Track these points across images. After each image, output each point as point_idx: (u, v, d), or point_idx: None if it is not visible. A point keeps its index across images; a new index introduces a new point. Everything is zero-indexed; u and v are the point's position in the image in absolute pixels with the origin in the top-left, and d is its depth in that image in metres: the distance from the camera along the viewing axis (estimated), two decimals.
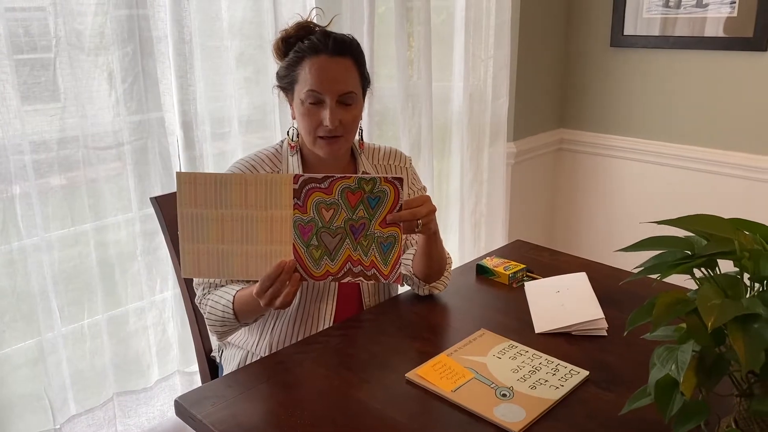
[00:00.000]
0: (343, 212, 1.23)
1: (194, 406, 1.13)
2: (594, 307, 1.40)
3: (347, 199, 1.22)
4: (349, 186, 1.22)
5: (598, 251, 2.97)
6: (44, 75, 1.56)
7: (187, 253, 1.22)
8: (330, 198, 1.22)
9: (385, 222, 1.24)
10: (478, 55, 2.62)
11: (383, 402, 1.13)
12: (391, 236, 1.25)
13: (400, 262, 1.26)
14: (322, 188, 1.21)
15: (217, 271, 1.24)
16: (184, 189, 1.20)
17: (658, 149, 2.81)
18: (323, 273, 1.25)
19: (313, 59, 1.33)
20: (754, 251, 0.85)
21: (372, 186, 1.22)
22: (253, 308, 1.32)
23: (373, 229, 1.24)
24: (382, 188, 1.22)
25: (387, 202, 1.23)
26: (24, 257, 1.59)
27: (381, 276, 1.25)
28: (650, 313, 0.85)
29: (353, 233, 1.24)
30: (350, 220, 1.23)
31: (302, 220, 1.23)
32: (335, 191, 1.22)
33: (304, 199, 1.22)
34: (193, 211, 1.21)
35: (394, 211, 1.23)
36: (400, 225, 1.24)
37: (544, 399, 1.11)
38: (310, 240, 1.24)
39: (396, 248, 1.25)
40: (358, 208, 1.23)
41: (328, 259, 1.25)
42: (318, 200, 1.22)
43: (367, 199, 1.23)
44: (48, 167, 1.60)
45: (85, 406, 1.78)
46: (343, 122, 1.35)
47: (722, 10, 2.52)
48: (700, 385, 0.85)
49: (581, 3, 2.94)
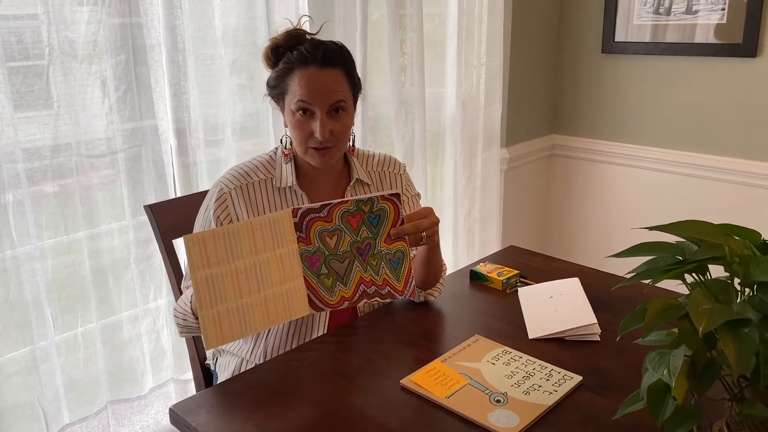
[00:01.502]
0: (347, 236, 1.23)
1: (189, 414, 1.13)
2: (587, 313, 1.41)
3: (348, 223, 1.23)
4: (348, 210, 1.22)
5: (591, 256, 2.98)
6: (37, 83, 1.56)
7: (209, 321, 1.14)
8: (331, 225, 1.22)
9: (390, 238, 1.24)
10: (470, 61, 2.63)
11: (378, 409, 1.13)
12: (399, 251, 1.25)
13: (412, 276, 1.26)
14: (322, 217, 1.22)
15: (240, 330, 1.17)
16: (195, 252, 1.14)
17: (649, 155, 2.83)
18: (338, 300, 1.25)
19: (303, 71, 1.34)
20: (744, 256, 0.86)
21: (371, 206, 1.23)
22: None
23: (379, 247, 1.25)
24: (381, 206, 1.23)
25: (388, 219, 1.24)
26: (17, 265, 1.59)
27: (396, 292, 1.26)
28: (642, 318, 0.86)
29: (360, 255, 1.25)
30: (356, 243, 1.24)
31: (308, 251, 1.23)
32: (335, 217, 1.22)
33: (306, 230, 1.22)
34: (207, 273, 1.14)
35: (396, 226, 1.24)
36: (405, 239, 1.25)
37: (538, 404, 1.12)
38: (319, 270, 1.24)
39: (405, 262, 1.26)
40: (360, 229, 1.24)
41: (341, 284, 1.25)
42: (320, 229, 1.22)
43: (368, 219, 1.23)
44: (41, 175, 1.60)
45: (78, 414, 1.77)
46: (334, 132, 1.36)
47: (712, 16, 2.54)
48: (692, 389, 0.85)
49: (572, 10, 2.96)
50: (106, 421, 1.83)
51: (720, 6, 2.51)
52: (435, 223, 1.31)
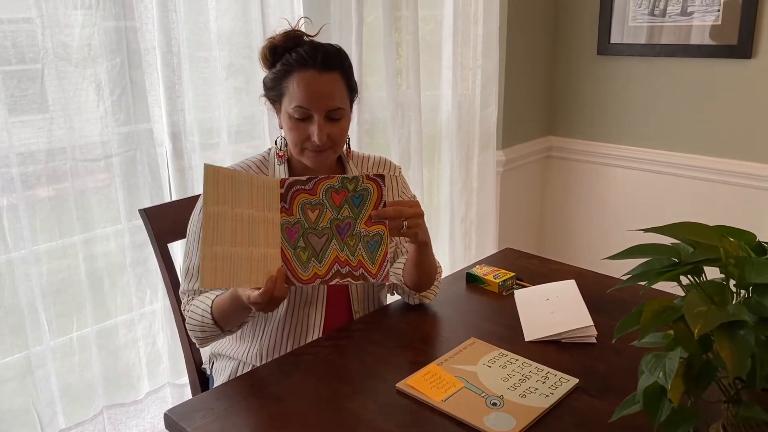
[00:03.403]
0: (328, 212, 1.25)
1: (184, 419, 1.12)
2: (583, 315, 1.41)
3: (332, 199, 1.25)
4: (333, 186, 1.24)
5: (587, 258, 2.98)
6: (32, 87, 1.55)
7: (208, 259, 1.15)
8: (315, 198, 1.24)
9: (371, 220, 1.25)
10: (466, 64, 2.63)
11: (374, 412, 1.13)
12: (377, 234, 1.25)
13: (387, 260, 1.26)
14: (307, 189, 1.24)
15: (229, 278, 1.18)
16: (210, 185, 1.15)
17: (645, 156, 2.83)
18: (311, 276, 1.25)
19: (302, 74, 1.33)
20: (739, 258, 0.86)
21: (355, 185, 1.24)
22: (232, 312, 1.32)
23: (359, 228, 1.25)
24: (365, 186, 1.25)
25: (371, 201, 1.25)
26: (11, 270, 1.58)
27: (369, 275, 1.26)
28: (638, 320, 0.86)
29: (339, 233, 1.25)
30: (336, 220, 1.25)
31: (289, 222, 1.24)
32: (319, 191, 1.24)
33: (290, 201, 1.24)
34: (215, 209, 1.16)
35: (378, 208, 1.25)
36: (385, 223, 1.25)
37: (535, 407, 1.11)
38: (297, 242, 1.25)
39: (382, 247, 1.25)
40: (342, 207, 1.25)
41: (316, 260, 1.25)
42: (303, 201, 1.24)
43: (351, 198, 1.25)
44: (36, 179, 1.60)
45: (74, 419, 1.77)
46: (332, 136, 1.35)
47: (707, 18, 2.55)
48: (688, 391, 0.85)
49: (568, 12, 2.96)
50: (102, 425, 1.82)
51: (715, 7, 2.52)
52: (418, 214, 1.29)
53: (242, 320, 1.38)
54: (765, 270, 0.83)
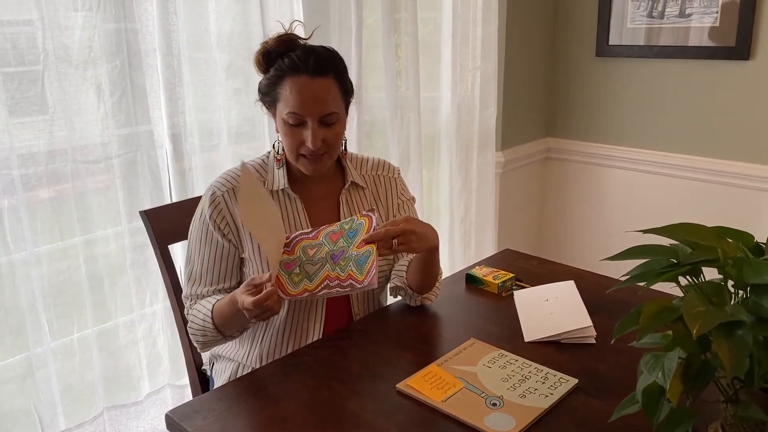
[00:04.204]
0: (325, 247, 1.32)
1: (185, 419, 1.13)
2: (582, 315, 1.42)
3: (330, 238, 1.33)
4: (332, 230, 1.33)
5: (586, 259, 2.98)
6: (32, 89, 1.56)
7: None
8: (315, 241, 1.33)
9: (362, 244, 1.29)
10: (465, 65, 2.64)
11: (374, 413, 1.13)
12: (367, 251, 1.28)
13: (375, 267, 1.27)
14: (310, 237, 1.34)
15: None
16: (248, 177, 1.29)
17: (643, 157, 2.84)
18: (300, 290, 1.28)
19: (294, 79, 1.33)
20: (737, 259, 0.87)
21: (351, 224, 1.32)
22: (231, 316, 1.32)
23: (351, 251, 1.30)
24: (360, 222, 1.32)
25: (363, 232, 1.31)
26: (12, 271, 1.58)
27: (357, 282, 1.27)
28: (637, 321, 0.86)
29: (333, 260, 1.31)
30: (331, 251, 1.31)
31: (288, 259, 1.32)
32: (320, 236, 1.33)
33: (293, 246, 1.34)
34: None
35: None
36: (374, 244, 1.28)
37: (534, 407, 1.12)
38: (292, 271, 1.31)
39: (371, 258, 1.27)
40: (338, 242, 1.32)
41: (307, 281, 1.30)
42: (305, 245, 1.33)
43: (347, 234, 1.32)
44: (36, 181, 1.60)
45: (74, 420, 1.77)
46: (326, 141, 1.36)
47: (705, 19, 2.55)
48: (687, 391, 0.86)
49: (567, 14, 2.97)
50: (103, 427, 1.83)
51: (713, 9, 2.52)
52: (407, 230, 1.29)
53: (242, 326, 1.38)
54: (763, 270, 0.83)
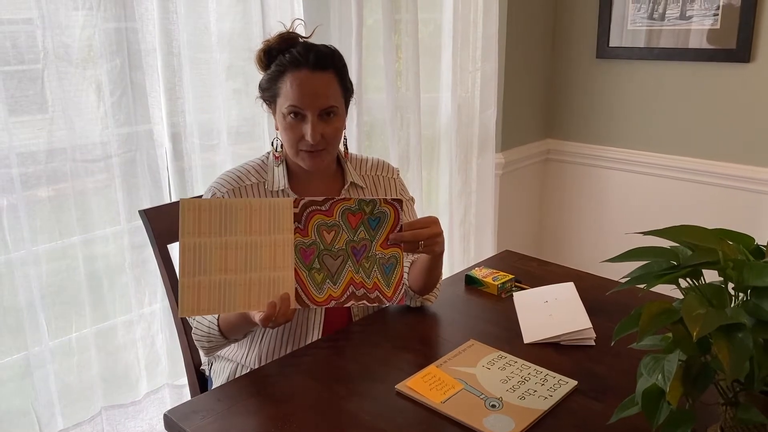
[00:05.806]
0: (344, 234, 1.24)
1: (183, 419, 1.13)
2: (582, 317, 1.41)
3: (348, 221, 1.24)
4: (349, 207, 1.24)
5: (586, 261, 2.98)
6: (32, 87, 1.56)
7: (187, 289, 1.15)
8: (331, 220, 1.23)
9: (387, 243, 1.25)
10: (465, 67, 2.64)
11: (373, 414, 1.13)
12: (393, 257, 1.26)
13: (403, 283, 1.27)
14: (323, 210, 1.23)
15: (218, 304, 1.18)
16: (188, 217, 1.15)
17: (643, 159, 2.84)
18: (326, 298, 1.25)
19: (295, 73, 1.34)
20: (737, 261, 0.87)
21: (372, 207, 1.24)
22: (238, 325, 1.33)
23: (374, 250, 1.25)
24: (382, 209, 1.24)
25: (387, 224, 1.25)
26: (11, 270, 1.58)
27: (385, 298, 1.26)
28: (637, 322, 0.86)
29: (355, 255, 1.25)
30: (351, 242, 1.25)
31: (304, 243, 1.23)
32: (336, 213, 1.24)
33: (305, 222, 1.23)
34: (197, 241, 1.16)
35: (395, 232, 1.25)
36: (401, 245, 1.26)
37: (533, 409, 1.12)
38: (312, 263, 1.24)
39: (398, 269, 1.26)
40: (359, 229, 1.24)
41: (331, 282, 1.25)
42: (319, 222, 1.23)
43: (368, 220, 1.25)
44: (36, 180, 1.60)
45: (72, 420, 1.77)
46: (325, 136, 1.36)
47: (705, 22, 2.56)
48: (687, 394, 0.85)
49: (567, 15, 2.97)
50: (101, 426, 1.82)
51: (713, 11, 2.52)
52: (436, 234, 1.30)
53: (248, 331, 1.39)
54: (763, 273, 0.83)
